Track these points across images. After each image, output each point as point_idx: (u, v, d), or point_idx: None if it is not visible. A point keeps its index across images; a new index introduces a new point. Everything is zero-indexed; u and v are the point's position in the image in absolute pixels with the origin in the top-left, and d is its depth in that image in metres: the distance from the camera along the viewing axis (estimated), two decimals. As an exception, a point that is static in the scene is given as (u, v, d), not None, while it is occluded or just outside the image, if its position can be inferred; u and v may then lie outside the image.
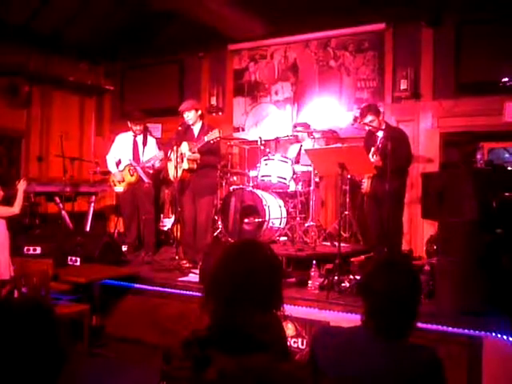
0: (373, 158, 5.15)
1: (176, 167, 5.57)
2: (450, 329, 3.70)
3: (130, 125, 6.59)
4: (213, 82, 8.42)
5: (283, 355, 1.80)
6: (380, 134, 5.31)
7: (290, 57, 7.89)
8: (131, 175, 6.36)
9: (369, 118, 5.35)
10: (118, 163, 6.51)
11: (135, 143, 6.55)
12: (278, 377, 1.44)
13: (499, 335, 3.51)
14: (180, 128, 5.79)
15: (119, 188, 6.44)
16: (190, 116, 5.78)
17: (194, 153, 5.63)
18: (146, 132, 6.69)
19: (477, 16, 6.43)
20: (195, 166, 5.70)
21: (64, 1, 6.63)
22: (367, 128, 5.80)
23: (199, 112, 5.91)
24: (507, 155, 6.75)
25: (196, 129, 5.88)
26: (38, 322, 1.24)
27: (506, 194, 4.32)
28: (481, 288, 3.79)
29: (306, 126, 6.72)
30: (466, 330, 3.64)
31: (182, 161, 5.67)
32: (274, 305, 1.71)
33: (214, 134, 5.49)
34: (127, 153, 6.52)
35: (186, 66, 8.70)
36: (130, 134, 6.60)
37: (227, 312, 1.61)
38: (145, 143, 6.56)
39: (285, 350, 1.89)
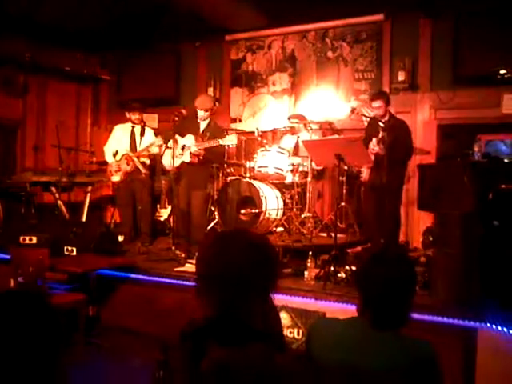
0: (375, 146, 5.13)
1: (173, 157, 5.53)
2: (446, 319, 3.72)
3: (128, 115, 6.56)
4: (210, 73, 8.39)
5: (279, 345, 1.80)
6: (383, 123, 5.27)
7: (287, 48, 7.86)
8: (127, 164, 6.35)
9: (377, 103, 5.35)
10: (116, 154, 6.49)
11: (133, 134, 6.54)
12: (274, 367, 1.44)
13: (494, 326, 3.53)
14: (177, 118, 5.72)
15: (116, 178, 6.43)
16: (205, 115, 5.74)
17: (200, 150, 5.59)
18: (143, 123, 6.66)
19: (475, 7, 6.40)
20: (196, 161, 5.67)
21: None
22: (364, 119, 5.80)
23: (214, 110, 5.90)
24: (504, 147, 6.76)
25: (203, 124, 5.83)
26: (35, 312, 1.24)
27: (503, 186, 4.33)
28: (476, 279, 3.81)
29: (301, 117, 6.70)
30: (461, 321, 3.66)
31: (183, 152, 5.65)
32: (268, 294, 1.71)
33: (230, 140, 5.48)
34: (125, 143, 6.50)
35: (183, 56, 8.66)
36: (129, 124, 6.59)
37: (221, 303, 1.61)
38: (142, 134, 6.54)
39: (280, 340, 1.90)
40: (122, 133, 6.59)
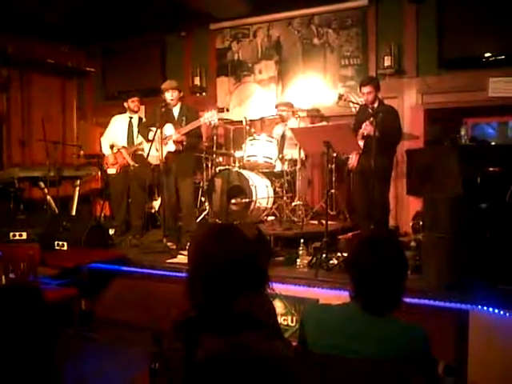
0: (367, 126, 5.10)
1: (161, 149, 5.51)
2: (437, 303, 3.76)
3: (126, 104, 6.51)
4: (195, 62, 8.33)
5: (273, 333, 1.81)
6: (372, 109, 5.27)
7: (273, 35, 7.82)
8: (124, 158, 6.33)
9: (366, 88, 5.33)
10: (113, 146, 6.46)
11: (130, 126, 6.50)
12: (270, 355, 1.45)
13: (485, 308, 3.58)
14: (163, 109, 5.70)
15: (112, 170, 6.40)
16: (174, 95, 5.71)
17: (182, 135, 5.58)
18: (141, 114, 6.63)
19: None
20: (181, 148, 5.66)
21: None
22: (352, 106, 5.80)
23: (181, 93, 5.86)
24: (491, 130, 6.81)
25: (176, 110, 5.80)
26: (28, 307, 1.23)
27: (490, 169, 4.37)
28: (466, 262, 3.85)
29: (289, 105, 6.69)
30: (453, 304, 3.70)
31: (167, 143, 5.62)
32: (260, 283, 1.72)
33: (210, 116, 5.45)
34: (122, 135, 6.47)
35: (168, 46, 8.60)
36: (126, 115, 6.54)
37: (214, 293, 1.62)
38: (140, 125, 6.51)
39: (275, 327, 1.91)
40: (120, 124, 6.55)
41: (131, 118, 6.53)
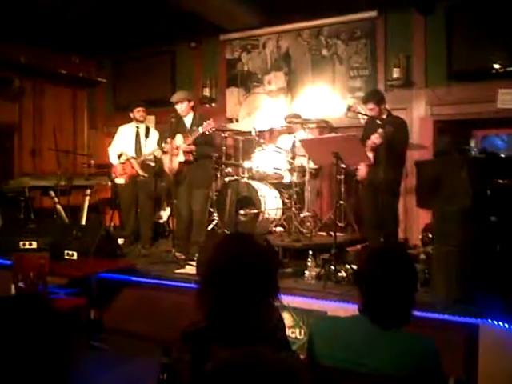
0: (376, 139, 5.07)
1: (171, 160, 5.55)
2: (447, 316, 3.73)
3: (131, 114, 6.56)
4: (205, 73, 8.39)
5: (282, 345, 1.81)
6: (380, 121, 5.24)
7: (282, 46, 7.87)
8: (132, 168, 6.35)
9: (369, 105, 5.30)
10: (121, 155, 6.49)
11: (138, 135, 6.54)
12: (277, 367, 1.45)
13: (495, 322, 3.55)
14: (173, 119, 5.76)
15: (120, 180, 6.43)
16: (182, 107, 5.75)
17: (189, 144, 5.61)
18: (148, 123, 6.67)
19: (468, 3, 6.42)
20: (191, 158, 5.68)
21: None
22: (360, 117, 5.80)
23: (191, 103, 5.88)
24: (500, 142, 6.78)
25: (188, 120, 5.84)
26: (38, 317, 1.24)
27: (500, 181, 4.34)
28: (476, 275, 3.82)
29: (298, 116, 6.70)
30: (462, 318, 3.67)
31: (178, 153, 5.66)
32: (271, 295, 1.72)
33: (209, 125, 5.46)
34: (129, 145, 6.51)
35: (178, 57, 8.67)
36: (133, 125, 6.59)
37: (224, 304, 1.62)
38: (147, 135, 6.54)
39: (283, 340, 1.91)
40: (127, 134, 6.58)
41: (138, 127, 6.57)
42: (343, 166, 5.38)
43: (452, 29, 6.54)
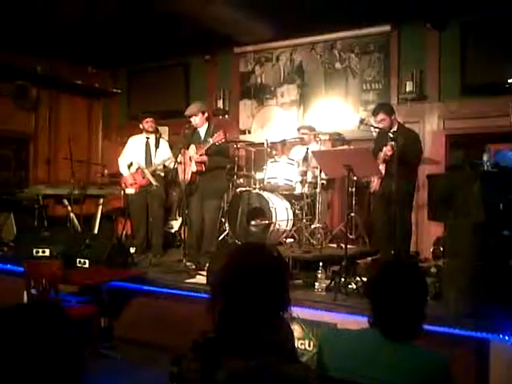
0: (388, 151, 5.07)
1: (184, 170, 5.60)
2: (457, 331, 3.70)
3: (141, 126, 6.62)
4: (219, 85, 8.46)
5: (291, 357, 1.82)
6: (392, 133, 5.24)
7: (295, 59, 7.92)
8: (143, 178, 6.39)
9: (379, 116, 5.31)
10: (130, 166, 6.55)
11: (148, 145, 6.59)
12: (287, 379, 1.46)
13: (506, 337, 3.52)
14: (187, 131, 5.82)
15: (130, 190, 6.47)
16: (196, 120, 5.81)
17: (201, 155, 5.65)
18: (158, 134, 6.71)
19: (482, 18, 6.44)
20: (204, 169, 5.72)
21: (70, 5, 6.70)
22: (373, 130, 5.80)
23: (206, 115, 5.93)
24: (513, 157, 6.73)
25: (202, 131, 5.90)
26: (52, 325, 1.27)
27: (513, 195, 4.32)
28: (488, 290, 3.79)
29: (311, 128, 6.73)
30: (473, 332, 3.64)
31: (190, 164, 5.70)
32: (282, 307, 1.73)
33: (219, 136, 5.51)
34: (140, 155, 6.55)
35: (192, 69, 8.76)
36: (143, 136, 6.64)
37: (235, 314, 1.63)
38: (157, 145, 6.59)
39: (293, 351, 1.91)
40: (137, 144, 6.63)
41: (148, 138, 6.62)
42: (355, 178, 5.38)
43: (466, 44, 6.55)
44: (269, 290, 1.64)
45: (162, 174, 6.49)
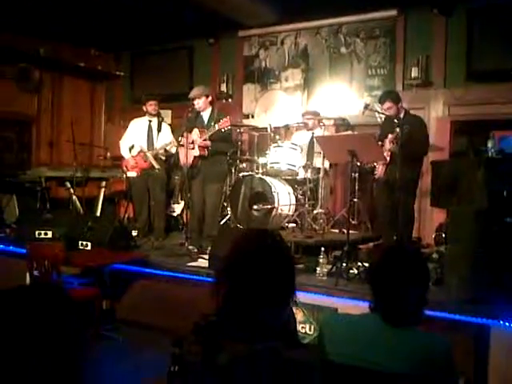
0: (389, 144, 5.10)
1: (186, 153, 5.59)
2: (458, 316, 3.71)
3: (144, 108, 6.58)
4: (223, 69, 8.41)
5: (293, 341, 1.82)
6: (398, 120, 5.22)
7: (300, 43, 7.85)
8: (144, 161, 6.38)
9: (386, 104, 5.29)
10: (132, 148, 6.53)
11: (150, 128, 6.57)
12: (289, 363, 1.46)
13: (507, 323, 3.52)
14: (190, 114, 5.79)
15: (132, 173, 6.46)
16: (200, 103, 5.78)
17: (204, 140, 5.64)
18: (160, 117, 6.68)
19: (489, 4, 6.36)
20: (206, 153, 5.71)
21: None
22: (377, 115, 5.78)
23: (209, 98, 5.90)
24: (518, 144, 6.70)
25: (206, 115, 5.87)
26: (57, 306, 1.26)
27: (517, 182, 4.31)
28: (489, 276, 3.80)
29: (316, 113, 6.70)
30: (474, 318, 3.65)
31: (193, 147, 5.69)
32: (288, 293, 1.71)
33: (225, 123, 5.49)
34: (141, 138, 6.52)
35: (196, 52, 8.70)
36: (145, 118, 6.61)
37: (239, 299, 1.62)
38: (159, 129, 6.56)
39: (294, 335, 1.91)
40: (139, 127, 6.60)
41: (150, 121, 6.58)
42: (358, 163, 5.37)
43: (472, 30, 6.49)
44: (275, 275, 1.63)
45: (164, 158, 6.47)
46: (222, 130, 5.54)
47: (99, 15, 7.50)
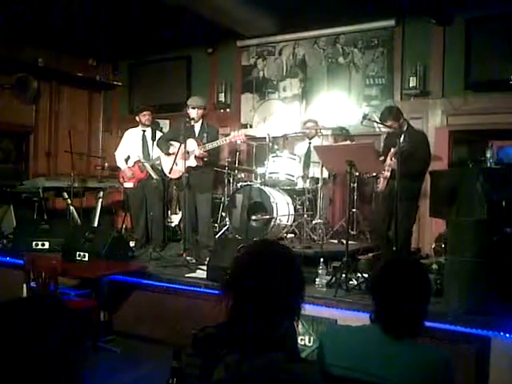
0: (390, 160, 5.06)
1: (174, 162, 5.56)
2: (458, 328, 3.68)
3: (137, 118, 6.57)
4: (221, 79, 8.43)
5: (293, 354, 1.79)
6: (401, 136, 5.17)
7: (298, 53, 7.88)
8: (141, 171, 6.36)
9: (388, 122, 5.25)
10: (127, 159, 6.51)
11: (144, 138, 6.55)
12: (289, 376, 1.44)
13: (507, 335, 3.50)
14: (188, 124, 5.75)
15: (129, 184, 6.44)
16: (198, 113, 5.77)
17: (204, 151, 5.63)
18: (154, 127, 6.67)
19: (487, 14, 6.39)
20: (201, 164, 5.69)
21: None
22: (376, 125, 5.76)
23: (205, 111, 5.92)
24: (517, 153, 6.70)
25: (197, 126, 5.85)
26: (56, 318, 1.25)
27: (516, 192, 4.29)
28: (489, 287, 3.77)
29: (317, 122, 6.69)
30: (474, 330, 3.62)
31: (188, 158, 5.65)
32: (294, 310, 1.67)
33: (238, 136, 5.63)
34: (136, 148, 6.51)
35: (194, 62, 8.72)
36: (139, 129, 6.59)
37: (245, 312, 1.58)
38: (154, 138, 6.55)
39: (295, 348, 1.89)
40: (133, 138, 6.58)
41: (144, 131, 6.56)
42: (357, 173, 5.35)
43: (470, 40, 6.52)
44: (287, 286, 1.59)
45: (160, 168, 6.45)
46: (227, 141, 5.68)
47: (97, 25, 7.51)
